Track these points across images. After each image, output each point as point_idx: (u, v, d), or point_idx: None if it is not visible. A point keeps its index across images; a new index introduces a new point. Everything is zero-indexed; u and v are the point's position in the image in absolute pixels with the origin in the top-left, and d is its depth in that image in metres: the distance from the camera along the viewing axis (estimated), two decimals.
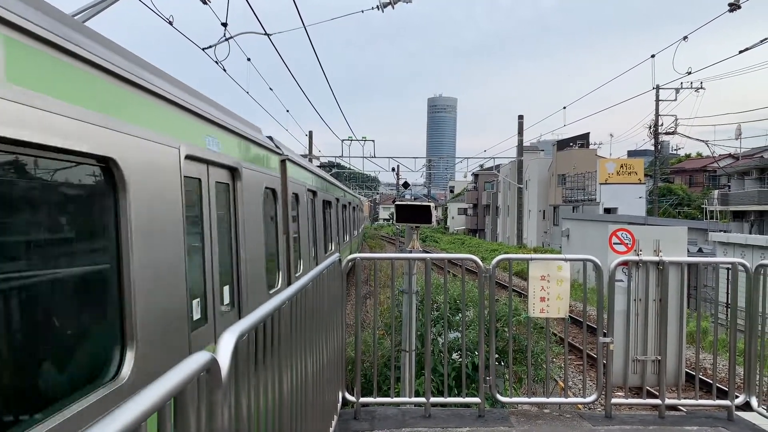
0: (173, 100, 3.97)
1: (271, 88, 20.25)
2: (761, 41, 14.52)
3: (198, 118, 4.54)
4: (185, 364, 1.55)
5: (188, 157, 4.23)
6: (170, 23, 8.55)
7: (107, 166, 3.14)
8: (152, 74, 3.77)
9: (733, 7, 11.80)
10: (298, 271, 8.71)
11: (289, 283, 7.33)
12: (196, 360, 1.60)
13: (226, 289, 5.24)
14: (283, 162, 7.82)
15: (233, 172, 5.48)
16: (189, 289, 4.09)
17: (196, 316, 4.44)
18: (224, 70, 11.97)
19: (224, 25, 10.56)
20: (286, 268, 7.93)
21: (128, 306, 3.22)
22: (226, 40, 10.99)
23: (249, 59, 15.69)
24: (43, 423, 2.46)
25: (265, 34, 11.43)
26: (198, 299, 4.50)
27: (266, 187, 6.73)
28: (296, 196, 8.80)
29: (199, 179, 4.61)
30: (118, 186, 3.17)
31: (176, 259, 3.89)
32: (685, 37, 16.99)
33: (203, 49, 11.17)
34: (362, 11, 11.84)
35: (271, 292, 6.56)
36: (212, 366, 1.70)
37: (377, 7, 11.03)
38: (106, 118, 3.07)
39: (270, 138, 7.63)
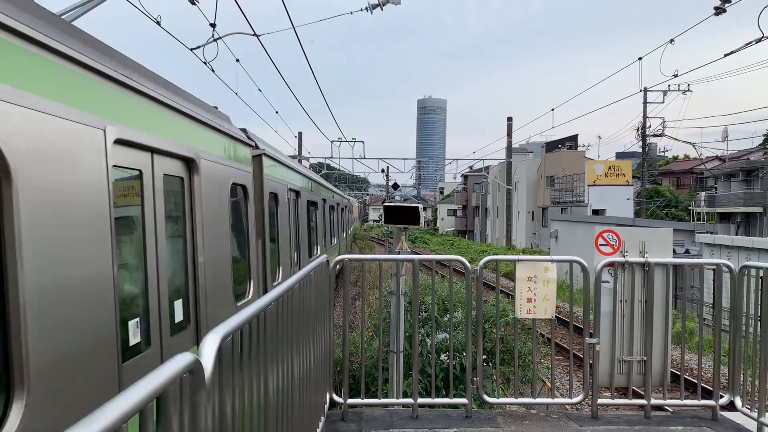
0: (97, 69, 3.21)
1: (260, 89, 20.21)
2: (746, 44, 14.68)
3: (139, 96, 3.77)
4: (167, 366, 1.54)
5: (120, 142, 3.45)
6: (158, 23, 8.51)
7: None
8: (69, 36, 3.04)
9: (719, 10, 11.93)
10: (276, 279, 7.92)
11: (265, 292, 6.72)
12: (179, 361, 1.60)
13: (179, 303, 4.48)
14: (258, 157, 7.03)
15: (189, 164, 4.66)
16: (118, 308, 3.30)
17: (133, 340, 3.69)
18: (213, 70, 11.94)
19: (213, 25, 10.53)
20: (261, 276, 7.07)
21: (14, 338, 2.44)
22: (215, 40, 10.97)
23: (238, 60, 15.64)
24: None
25: (254, 35, 11.40)
26: (135, 320, 3.74)
27: (235, 184, 5.97)
28: (275, 195, 8.00)
29: (140, 171, 3.84)
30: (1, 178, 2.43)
31: (98, 271, 3.09)
32: (671, 40, 17.13)
33: (191, 50, 11.13)
34: (351, 12, 11.86)
35: (239, 304, 5.83)
36: (195, 367, 1.69)
37: (366, 8, 11.04)
38: None
39: (244, 130, 6.86)
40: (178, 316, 4.43)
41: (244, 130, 6.87)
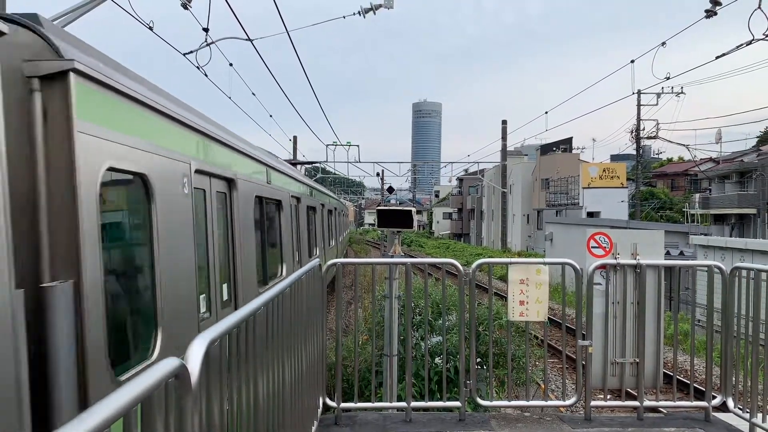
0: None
1: (253, 93, 20.20)
2: (737, 47, 14.76)
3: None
4: (153, 370, 1.54)
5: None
6: (150, 28, 8.51)
7: None
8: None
9: (710, 13, 12.00)
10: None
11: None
12: (164, 366, 1.60)
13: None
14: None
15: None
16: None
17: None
18: (206, 75, 11.93)
19: (206, 30, 10.53)
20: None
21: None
22: (208, 45, 10.96)
23: (231, 64, 15.64)
24: None
25: (248, 39, 11.40)
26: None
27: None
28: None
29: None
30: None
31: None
32: (663, 43, 17.21)
33: (184, 54, 11.12)
34: (344, 17, 11.87)
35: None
36: (181, 372, 1.69)
37: (359, 12, 11.05)
38: None
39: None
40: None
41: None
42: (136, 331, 3.83)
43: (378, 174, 52.83)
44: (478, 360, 7.92)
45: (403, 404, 5.09)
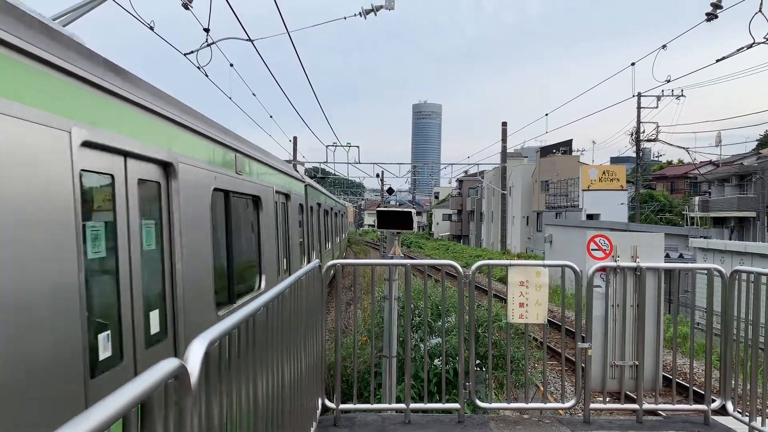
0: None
1: (254, 94, 20.19)
2: (737, 50, 14.77)
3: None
4: (152, 371, 1.54)
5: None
6: (151, 28, 8.51)
7: None
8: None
9: (711, 16, 12.00)
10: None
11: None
12: (164, 366, 1.59)
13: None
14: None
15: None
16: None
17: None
18: (206, 75, 11.93)
19: (206, 30, 10.53)
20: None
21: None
22: (209, 45, 10.96)
23: (232, 65, 15.64)
24: None
25: (248, 39, 11.40)
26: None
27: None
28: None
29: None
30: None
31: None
32: (664, 46, 17.22)
33: (185, 55, 11.12)
34: (344, 18, 11.88)
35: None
36: (181, 373, 1.68)
37: (360, 13, 11.06)
38: None
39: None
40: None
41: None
42: None
43: (378, 175, 52.81)
44: (478, 362, 7.92)
45: (402, 406, 5.08)
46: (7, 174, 2.49)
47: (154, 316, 4.09)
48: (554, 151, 55.30)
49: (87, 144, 3.17)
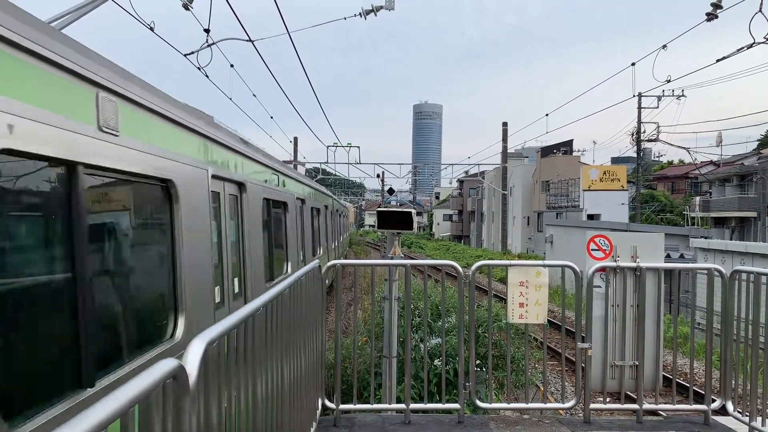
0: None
1: (254, 94, 20.20)
2: (737, 50, 14.76)
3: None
4: (151, 371, 1.54)
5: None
6: (151, 29, 8.51)
7: None
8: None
9: (711, 16, 11.99)
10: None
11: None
12: (162, 367, 1.59)
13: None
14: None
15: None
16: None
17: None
18: (207, 76, 11.94)
19: (207, 31, 10.54)
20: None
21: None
22: (209, 46, 10.97)
23: (232, 65, 15.64)
24: None
25: (249, 40, 11.41)
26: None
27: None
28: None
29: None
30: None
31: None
32: (664, 46, 17.21)
33: (185, 55, 11.13)
34: (345, 18, 11.88)
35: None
36: (179, 373, 1.68)
37: (360, 14, 11.06)
38: None
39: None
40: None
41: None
42: None
43: (378, 175, 52.82)
44: (478, 362, 7.92)
45: (402, 406, 5.08)
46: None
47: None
48: (555, 151, 55.29)
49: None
